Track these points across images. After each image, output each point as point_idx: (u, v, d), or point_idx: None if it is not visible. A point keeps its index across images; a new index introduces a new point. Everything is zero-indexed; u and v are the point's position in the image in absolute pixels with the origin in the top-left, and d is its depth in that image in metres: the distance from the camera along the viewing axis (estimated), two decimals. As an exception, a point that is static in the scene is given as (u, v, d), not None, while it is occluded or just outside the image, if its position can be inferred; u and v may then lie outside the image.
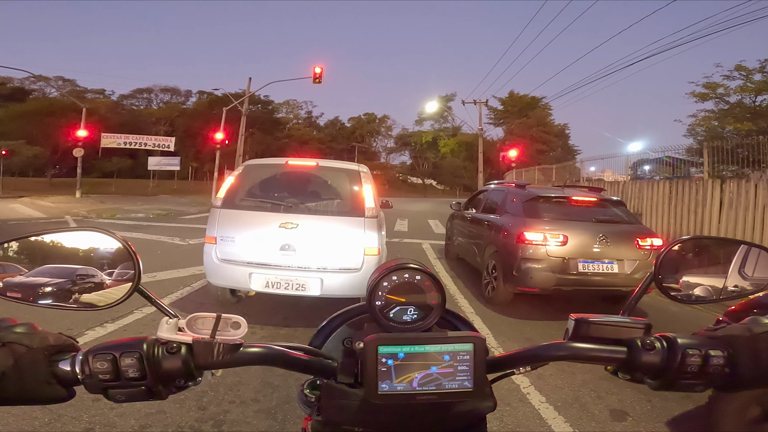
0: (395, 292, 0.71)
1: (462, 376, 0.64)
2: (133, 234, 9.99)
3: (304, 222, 4.15)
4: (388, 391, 0.63)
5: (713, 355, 0.63)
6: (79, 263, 0.72)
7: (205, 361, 0.62)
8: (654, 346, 0.65)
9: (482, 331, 4.47)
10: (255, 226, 4.21)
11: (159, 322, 0.63)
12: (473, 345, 0.64)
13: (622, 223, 5.34)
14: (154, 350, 0.61)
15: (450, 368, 0.64)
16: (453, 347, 0.64)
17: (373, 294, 0.70)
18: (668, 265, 0.79)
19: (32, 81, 43.78)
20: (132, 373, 0.58)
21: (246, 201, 4.42)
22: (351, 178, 4.46)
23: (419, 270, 0.71)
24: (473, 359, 0.64)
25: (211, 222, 4.28)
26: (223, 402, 2.83)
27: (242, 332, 0.64)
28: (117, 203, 18.49)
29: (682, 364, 0.63)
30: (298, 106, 62.54)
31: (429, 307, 0.71)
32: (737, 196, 9.84)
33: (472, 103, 27.39)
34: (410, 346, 0.64)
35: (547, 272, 4.84)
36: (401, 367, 0.63)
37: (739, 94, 15.99)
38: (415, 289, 0.71)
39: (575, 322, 0.69)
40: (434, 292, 0.71)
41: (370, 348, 0.63)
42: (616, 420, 2.80)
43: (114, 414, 2.61)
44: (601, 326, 0.68)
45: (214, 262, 4.20)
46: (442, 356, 0.64)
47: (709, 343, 0.65)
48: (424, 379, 0.64)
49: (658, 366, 0.64)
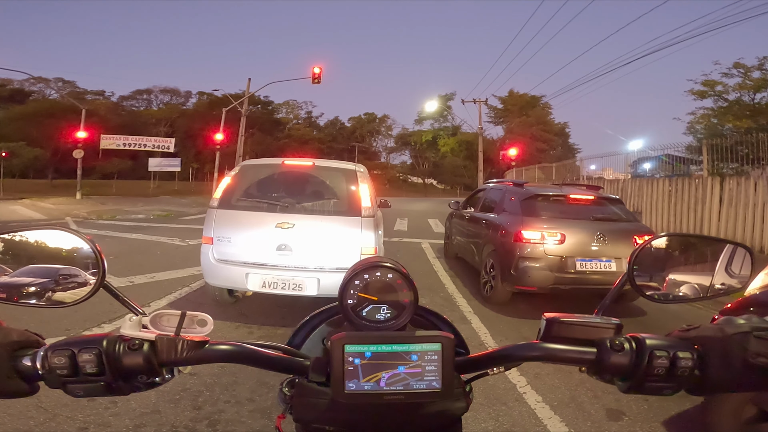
0: (367, 291, 0.70)
1: (430, 376, 0.63)
2: (133, 235, 10.01)
3: (300, 222, 4.16)
4: (355, 390, 0.62)
5: (681, 357, 0.61)
6: (63, 263, 0.72)
7: (169, 357, 0.62)
8: (623, 347, 0.63)
9: (480, 330, 4.48)
10: (251, 226, 4.22)
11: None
12: (441, 345, 0.64)
13: (619, 222, 5.34)
14: (114, 347, 0.61)
15: (418, 368, 0.63)
16: (420, 347, 0.64)
17: (345, 292, 0.70)
18: (646, 264, 0.78)
19: (32, 83, 43.88)
20: (90, 369, 0.59)
21: (242, 201, 4.43)
22: (347, 177, 4.47)
23: (391, 268, 0.71)
24: (441, 359, 0.63)
25: (208, 222, 4.31)
26: (218, 401, 2.83)
27: (208, 329, 0.64)
28: (117, 204, 18.51)
29: (649, 365, 0.62)
30: (298, 106, 62.61)
31: (402, 306, 0.70)
32: (737, 194, 9.83)
33: (471, 102, 27.43)
34: (377, 345, 0.63)
35: (544, 271, 4.84)
36: (368, 366, 0.63)
37: (738, 92, 15.99)
38: (388, 288, 0.70)
39: (546, 321, 0.68)
40: (407, 291, 0.70)
41: (337, 347, 0.63)
42: (612, 420, 2.79)
43: (109, 414, 2.61)
44: (571, 326, 0.67)
45: (211, 262, 4.22)
46: (410, 356, 0.63)
47: (679, 345, 0.63)
48: (392, 378, 0.63)
49: (626, 367, 0.63)
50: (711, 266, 0.83)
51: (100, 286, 0.68)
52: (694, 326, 0.67)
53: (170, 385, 2.98)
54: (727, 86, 16.02)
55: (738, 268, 0.82)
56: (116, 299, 0.68)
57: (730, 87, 15.97)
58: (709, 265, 0.84)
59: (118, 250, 7.90)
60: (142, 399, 2.78)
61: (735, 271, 0.82)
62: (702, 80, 16.32)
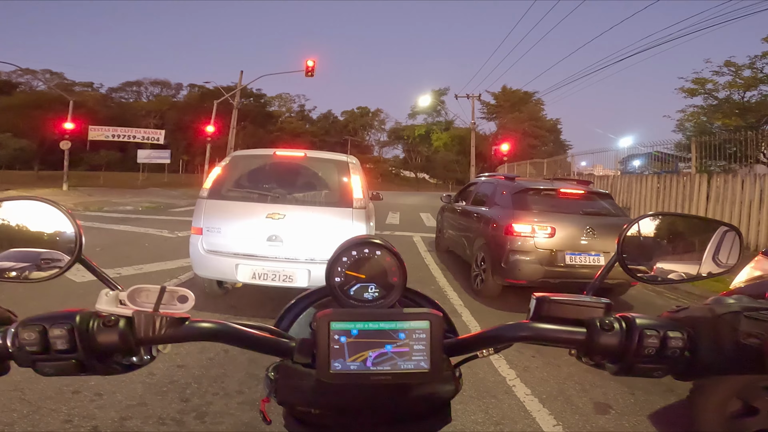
0: (355, 269, 0.68)
1: (418, 356, 0.61)
2: (121, 227, 9.88)
3: (291, 213, 4.13)
4: (341, 370, 0.60)
5: (672, 337, 0.60)
6: (45, 247, 0.70)
7: (146, 335, 0.59)
8: (612, 327, 0.62)
9: (470, 323, 4.49)
10: (241, 216, 4.19)
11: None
12: (429, 322, 0.62)
13: (609, 216, 5.37)
14: (88, 322, 0.58)
15: (405, 347, 0.61)
16: (408, 324, 0.61)
17: (332, 270, 0.68)
18: (635, 250, 0.77)
19: (19, 74, 43.13)
20: (60, 345, 0.56)
21: (233, 192, 4.39)
22: (339, 168, 4.45)
23: (380, 245, 0.69)
24: (429, 338, 0.61)
25: (197, 213, 4.26)
26: (206, 394, 2.80)
27: (189, 306, 0.62)
28: (105, 196, 18.24)
29: (639, 345, 0.60)
30: (290, 99, 62.06)
31: (390, 285, 0.68)
32: (724, 191, 9.96)
33: (465, 98, 27.38)
34: (364, 323, 0.61)
35: (534, 264, 4.86)
36: (355, 345, 0.61)
37: (728, 90, 16.13)
38: (376, 266, 0.68)
39: (536, 300, 0.66)
40: (395, 269, 0.68)
41: (322, 324, 0.60)
42: (599, 413, 2.82)
43: (94, 406, 2.58)
44: (561, 305, 0.65)
45: (200, 253, 4.17)
46: (397, 334, 0.61)
47: (669, 324, 0.62)
48: (379, 358, 0.61)
49: (616, 348, 0.61)
50: (700, 252, 0.81)
51: (76, 259, 0.65)
52: (684, 307, 0.65)
53: (157, 377, 2.95)
54: (718, 84, 16.19)
55: (727, 251, 0.80)
56: (93, 274, 0.65)
57: (721, 85, 16.15)
58: (698, 251, 0.83)
59: (105, 242, 7.79)
60: (128, 391, 2.75)
61: (723, 258, 0.80)
62: (693, 78, 16.49)
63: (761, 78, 15.17)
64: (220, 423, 2.51)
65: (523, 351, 3.74)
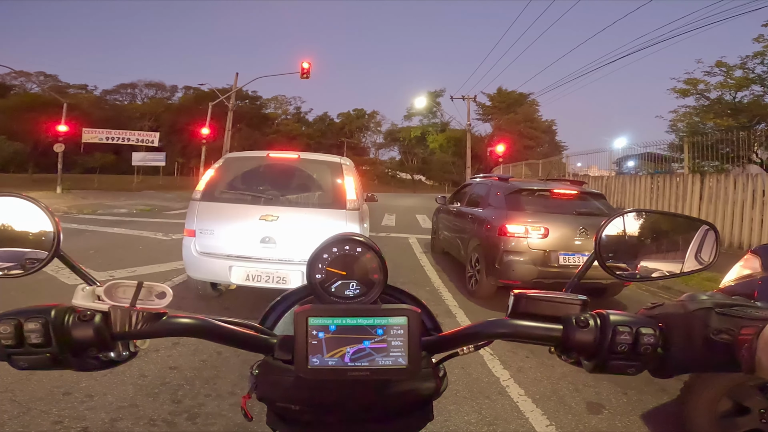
0: (336, 265, 0.68)
1: (396, 352, 0.62)
2: (115, 229, 9.83)
3: (284, 214, 4.13)
4: (319, 366, 0.61)
5: (644, 333, 0.60)
6: (24, 243, 0.71)
7: (122, 329, 0.60)
8: (588, 323, 0.62)
9: (464, 323, 4.48)
10: (235, 218, 4.18)
11: None
12: (407, 318, 0.62)
13: (602, 216, 5.38)
14: (64, 317, 0.59)
15: (383, 343, 0.62)
16: (386, 320, 0.62)
17: (313, 266, 0.68)
18: (615, 243, 0.77)
19: (13, 76, 42.78)
20: (35, 339, 0.56)
21: (226, 194, 4.39)
22: (333, 170, 4.46)
23: (361, 242, 0.69)
24: (407, 334, 0.62)
25: (190, 215, 4.25)
26: (198, 395, 2.79)
27: (166, 301, 0.63)
28: (99, 199, 18.15)
29: (613, 342, 0.60)
30: (286, 101, 62.00)
31: (371, 282, 0.68)
32: (717, 191, 10.04)
33: (460, 99, 27.45)
34: (342, 318, 0.62)
35: (528, 265, 4.88)
36: (333, 341, 0.61)
37: (720, 90, 16.24)
38: (357, 263, 0.68)
39: (514, 297, 0.67)
40: (376, 266, 0.69)
41: (300, 319, 0.61)
42: (592, 413, 2.82)
43: (84, 407, 2.57)
44: (538, 302, 0.66)
45: (193, 255, 4.16)
46: (375, 330, 0.62)
47: (642, 321, 0.62)
48: (357, 354, 0.61)
49: (591, 344, 0.62)
50: (682, 250, 0.82)
51: (54, 255, 0.65)
52: (659, 304, 0.66)
53: (149, 378, 2.94)
54: (709, 84, 16.29)
55: (708, 249, 0.81)
56: (71, 269, 0.66)
57: (712, 85, 16.25)
58: (680, 249, 0.83)
59: (99, 245, 7.75)
60: (119, 392, 2.74)
61: (704, 256, 0.81)
62: (685, 78, 16.60)
63: (752, 78, 15.29)
64: (212, 424, 2.50)
65: (516, 351, 3.74)
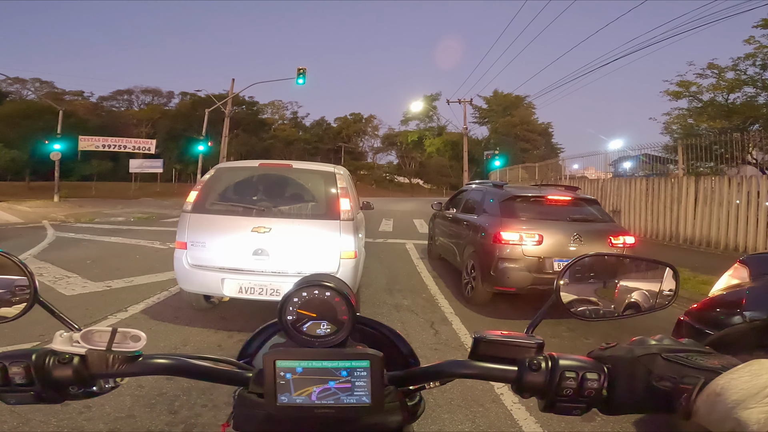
0: (307, 307, 0.72)
1: (360, 391, 0.67)
2: (112, 238, 9.84)
3: (277, 226, 4.09)
4: (288, 403, 0.66)
5: (589, 378, 0.62)
6: (18, 274, 0.76)
7: (100, 370, 0.66)
8: (539, 366, 0.65)
9: (460, 331, 4.52)
10: (226, 230, 4.13)
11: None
12: (369, 362, 0.67)
13: (595, 222, 5.45)
14: (44, 360, 0.65)
15: (347, 383, 0.67)
16: (350, 363, 0.67)
17: (284, 309, 0.72)
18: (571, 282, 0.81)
19: (9, 83, 42.74)
20: (19, 380, 0.64)
21: (217, 205, 4.33)
22: (326, 180, 4.39)
23: (328, 287, 0.73)
24: (370, 375, 0.67)
25: (181, 227, 4.19)
26: (195, 406, 2.81)
27: (140, 345, 0.68)
28: (97, 207, 18.13)
29: (559, 385, 0.63)
30: (283, 106, 62.14)
31: (341, 322, 0.72)
32: (711, 193, 10.10)
33: (456, 103, 27.61)
34: (308, 362, 0.67)
35: (523, 272, 4.91)
36: (300, 381, 0.66)
37: (712, 92, 16.34)
38: (326, 305, 0.72)
39: (474, 340, 0.72)
40: (344, 308, 0.72)
41: (268, 362, 0.66)
42: (585, 420, 2.85)
43: (82, 418, 2.60)
44: (496, 344, 0.70)
45: (185, 267, 4.10)
46: (339, 372, 0.67)
47: (588, 366, 0.64)
48: (323, 393, 0.67)
49: (541, 386, 0.65)
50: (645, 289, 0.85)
51: (33, 303, 0.73)
52: (612, 344, 0.68)
53: (146, 389, 2.96)
54: (702, 87, 16.42)
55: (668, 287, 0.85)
56: (52, 315, 0.72)
57: (705, 87, 16.37)
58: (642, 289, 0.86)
59: (96, 254, 7.76)
60: (116, 403, 2.77)
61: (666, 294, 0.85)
62: (677, 81, 16.70)
63: (745, 80, 15.40)
64: (208, 436, 2.53)
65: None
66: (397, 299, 5.62)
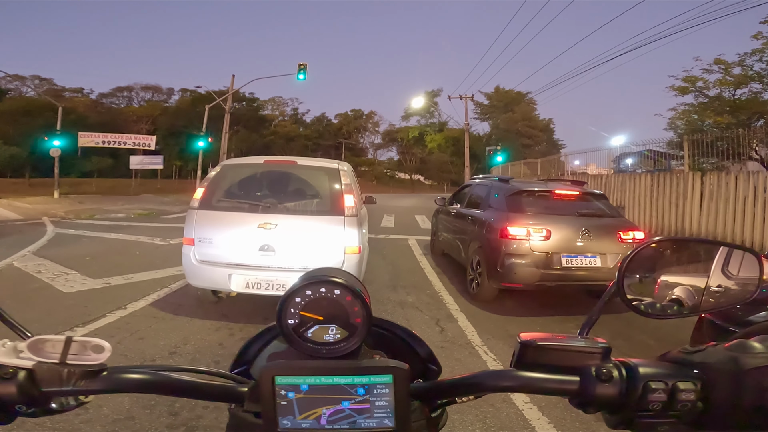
0: (311, 310, 0.61)
1: (381, 413, 0.55)
2: (112, 234, 9.74)
3: (283, 222, 4.11)
4: (291, 428, 0.54)
5: (683, 389, 0.51)
6: None
7: (52, 386, 0.54)
8: (611, 376, 0.54)
9: (466, 328, 4.43)
10: (233, 227, 4.17)
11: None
12: (392, 376, 0.55)
13: (604, 217, 5.34)
14: None
15: (366, 403, 0.55)
16: (368, 379, 0.55)
17: (284, 311, 0.60)
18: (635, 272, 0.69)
19: (8, 80, 42.63)
20: None
21: (223, 201, 4.37)
22: (330, 176, 4.41)
23: (338, 284, 0.61)
24: (393, 393, 0.55)
25: (189, 223, 4.23)
26: (196, 407, 2.72)
27: (104, 356, 0.55)
28: (97, 203, 18.05)
29: (643, 399, 0.52)
30: (283, 103, 61.90)
31: (353, 326, 0.61)
32: (717, 189, 9.97)
33: (458, 98, 27.46)
34: (314, 377, 0.55)
35: (530, 267, 4.81)
36: (305, 402, 0.55)
37: (719, 88, 16.20)
38: (335, 306, 0.61)
39: (521, 346, 0.58)
40: (358, 309, 0.61)
41: (266, 379, 0.54)
42: (600, 420, 2.73)
43: (79, 420, 2.52)
44: (550, 351, 0.57)
45: (192, 263, 4.15)
46: (355, 389, 0.55)
47: (679, 373, 0.53)
48: (335, 415, 0.55)
49: (615, 399, 0.54)
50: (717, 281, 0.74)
51: None
52: (699, 348, 0.56)
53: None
54: (708, 82, 16.26)
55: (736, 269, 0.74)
56: (3, 322, 0.59)
57: (711, 83, 16.21)
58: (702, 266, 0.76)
59: (95, 251, 7.66)
60: (114, 405, 2.68)
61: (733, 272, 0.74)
62: (683, 76, 16.55)
63: (751, 75, 15.25)
64: (210, 439, 2.44)
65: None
66: (401, 296, 5.53)
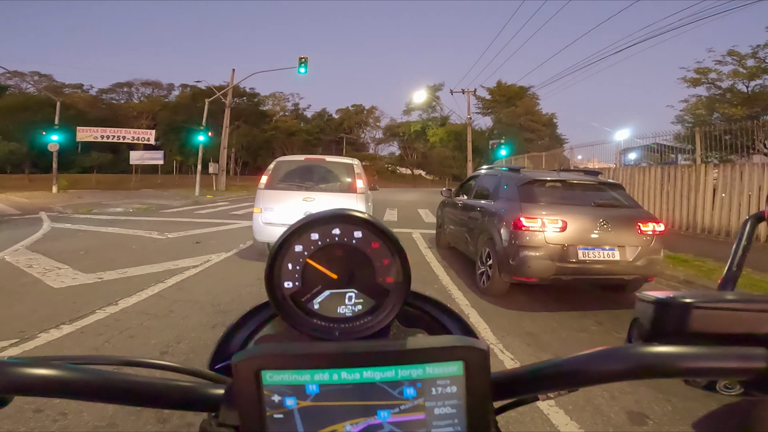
0: (320, 261, 0.38)
1: (445, 425, 0.32)
2: (109, 229, 9.49)
3: (318, 197, 6.26)
4: None
5: None
6: None
7: None
8: None
9: (479, 325, 4.16)
10: (286, 200, 6.30)
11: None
12: (463, 364, 0.32)
13: (621, 208, 5.05)
14: None
15: (419, 412, 0.32)
16: (422, 371, 0.32)
17: (275, 269, 0.37)
18: None
19: (7, 77, 42.39)
20: None
21: (280, 184, 6.52)
22: (347, 168, 6.69)
23: (360, 220, 0.38)
24: (465, 392, 0.32)
25: (258, 198, 6.39)
26: (187, 414, 2.46)
27: None
28: (96, 198, 17.80)
29: None
30: (284, 98, 61.54)
31: (382, 291, 0.38)
32: (731, 180, 9.68)
33: (460, 93, 27.18)
34: (329, 371, 0.31)
35: (545, 260, 4.54)
36: (315, 412, 0.31)
37: (732, 79, 15.86)
38: (355, 259, 0.38)
39: (656, 305, 0.35)
40: (389, 262, 0.37)
41: (245, 375, 0.30)
42: (635, 424, 2.48)
43: (57, 426, 2.28)
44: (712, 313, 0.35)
45: (260, 224, 6.30)
46: (400, 389, 0.32)
47: None
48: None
49: None
50: None
51: None
52: None
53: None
54: (721, 74, 15.94)
55: None
56: None
57: (724, 74, 15.88)
58: None
59: (90, 245, 7.42)
60: (96, 410, 2.43)
61: None
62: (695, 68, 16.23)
63: (765, 67, 14.91)
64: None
65: (539, 355, 3.42)
66: (407, 291, 5.27)
